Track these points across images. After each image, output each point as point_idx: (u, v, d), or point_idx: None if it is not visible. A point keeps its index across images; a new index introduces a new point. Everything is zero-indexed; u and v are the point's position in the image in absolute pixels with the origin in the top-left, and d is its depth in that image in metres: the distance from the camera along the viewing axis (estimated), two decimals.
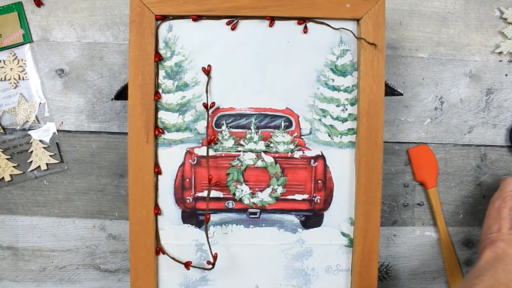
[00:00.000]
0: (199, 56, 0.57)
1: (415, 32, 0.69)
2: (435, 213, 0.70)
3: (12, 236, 0.68)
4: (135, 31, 0.55)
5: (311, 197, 0.59)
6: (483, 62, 0.70)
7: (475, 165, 0.71)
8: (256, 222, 0.59)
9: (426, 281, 0.71)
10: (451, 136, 0.70)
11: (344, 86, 0.58)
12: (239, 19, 0.57)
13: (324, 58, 0.58)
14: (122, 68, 0.67)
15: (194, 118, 0.58)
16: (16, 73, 0.66)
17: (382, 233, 0.70)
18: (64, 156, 0.67)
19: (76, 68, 0.67)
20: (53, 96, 0.67)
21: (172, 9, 0.55)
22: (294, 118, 0.58)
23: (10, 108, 0.66)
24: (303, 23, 0.57)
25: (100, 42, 0.67)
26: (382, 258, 0.70)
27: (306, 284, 0.60)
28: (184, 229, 0.58)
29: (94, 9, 0.67)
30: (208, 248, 0.57)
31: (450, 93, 0.70)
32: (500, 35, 0.70)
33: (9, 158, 0.67)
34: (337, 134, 0.59)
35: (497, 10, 0.70)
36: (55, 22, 0.67)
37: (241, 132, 0.58)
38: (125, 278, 0.69)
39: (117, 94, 0.60)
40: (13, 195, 0.67)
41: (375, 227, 0.58)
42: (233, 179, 0.58)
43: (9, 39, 0.66)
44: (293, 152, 0.58)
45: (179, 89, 0.57)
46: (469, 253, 0.72)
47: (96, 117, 0.67)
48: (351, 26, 0.57)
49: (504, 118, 0.71)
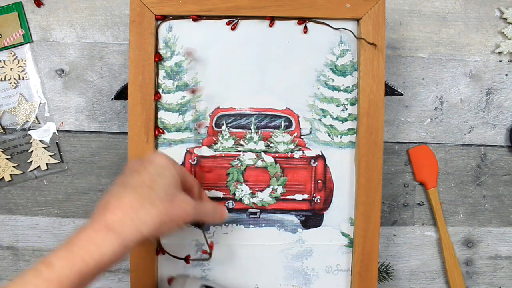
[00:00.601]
0: (199, 56, 0.57)
1: (415, 32, 0.69)
2: (435, 213, 0.70)
3: (12, 236, 0.68)
4: (135, 31, 0.55)
5: (311, 197, 0.59)
6: (483, 62, 0.70)
7: (475, 165, 0.71)
8: (256, 222, 0.59)
9: (426, 281, 0.71)
10: (451, 136, 0.70)
11: (344, 86, 0.58)
12: (239, 19, 0.57)
13: (324, 58, 0.58)
14: (122, 68, 0.67)
15: (194, 118, 0.58)
16: (16, 73, 0.66)
17: (382, 233, 0.70)
18: (64, 156, 0.67)
19: (76, 68, 0.67)
20: (53, 96, 0.67)
21: (172, 9, 0.55)
22: (294, 118, 0.58)
23: (10, 108, 0.66)
24: (303, 23, 0.57)
25: (100, 42, 0.67)
26: (382, 258, 0.70)
27: (306, 284, 0.60)
28: (184, 229, 0.58)
29: (94, 9, 0.67)
30: (205, 241, 0.57)
31: (450, 93, 0.70)
32: (500, 35, 0.70)
33: (9, 158, 0.67)
34: (337, 134, 0.59)
35: (497, 10, 0.70)
36: (55, 22, 0.67)
37: (241, 132, 0.58)
38: (125, 278, 0.69)
39: (117, 94, 0.60)
40: (13, 195, 0.67)
41: (375, 227, 0.58)
42: (233, 179, 0.58)
43: (9, 39, 0.66)
44: (293, 152, 0.58)
45: (179, 89, 0.57)
46: (469, 253, 0.72)
47: (96, 117, 0.67)
48: (351, 26, 0.57)
49: (504, 118, 0.71)
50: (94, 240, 0.39)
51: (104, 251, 0.39)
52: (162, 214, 0.43)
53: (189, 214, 0.46)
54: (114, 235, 0.40)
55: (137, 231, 0.41)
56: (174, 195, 0.45)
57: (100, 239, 0.40)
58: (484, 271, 0.72)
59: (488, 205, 0.72)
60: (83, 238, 0.40)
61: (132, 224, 0.41)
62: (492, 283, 0.72)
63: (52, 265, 0.38)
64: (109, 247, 0.40)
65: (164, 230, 0.44)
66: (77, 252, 0.39)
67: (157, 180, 0.44)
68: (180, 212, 0.45)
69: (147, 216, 0.42)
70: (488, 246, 0.72)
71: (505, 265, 0.72)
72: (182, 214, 0.45)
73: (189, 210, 0.46)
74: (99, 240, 0.40)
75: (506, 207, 0.72)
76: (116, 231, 0.40)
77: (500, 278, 0.72)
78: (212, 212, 0.52)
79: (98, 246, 0.39)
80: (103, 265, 0.39)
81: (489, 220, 0.72)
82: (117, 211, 0.41)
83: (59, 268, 0.38)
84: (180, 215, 0.45)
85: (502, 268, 0.72)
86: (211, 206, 0.52)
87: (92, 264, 0.39)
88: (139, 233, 0.41)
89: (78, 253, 0.39)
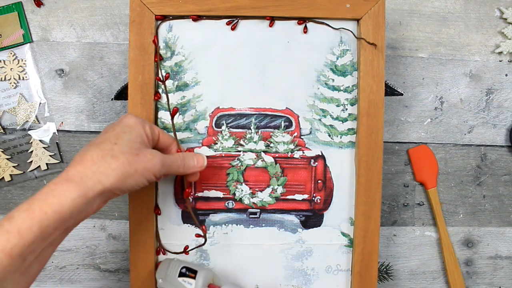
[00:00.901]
0: (199, 56, 0.57)
1: (415, 32, 0.69)
2: (435, 213, 0.70)
3: None
4: (135, 31, 0.55)
5: (311, 197, 0.59)
6: (483, 62, 0.70)
7: (475, 165, 0.71)
8: (256, 222, 0.59)
9: (426, 281, 0.71)
10: (451, 136, 0.70)
11: (344, 86, 0.58)
12: (239, 19, 0.57)
13: (324, 58, 0.58)
14: (122, 68, 0.67)
15: (194, 118, 0.58)
16: (16, 73, 0.66)
17: (382, 233, 0.70)
18: (64, 156, 0.67)
19: (76, 68, 0.67)
20: (53, 96, 0.67)
21: (172, 9, 0.55)
22: (294, 118, 0.58)
23: (10, 108, 0.66)
24: (303, 23, 0.57)
25: (100, 42, 0.67)
26: (382, 258, 0.70)
27: (306, 284, 0.60)
28: (184, 229, 0.58)
29: (94, 9, 0.67)
30: (196, 223, 0.57)
31: (450, 93, 0.70)
32: (500, 35, 0.70)
33: (9, 158, 0.67)
34: (337, 134, 0.59)
35: (497, 10, 0.70)
36: (55, 22, 0.67)
37: (241, 132, 0.58)
38: (125, 278, 0.69)
39: (117, 94, 0.60)
40: (13, 195, 0.67)
41: (375, 227, 0.58)
42: (233, 179, 0.58)
43: (9, 39, 0.66)
44: (293, 152, 0.58)
45: (179, 89, 0.57)
46: (469, 253, 0.72)
47: (96, 117, 0.67)
48: (351, 26, 0.57)
49: (504, 118, 0.71)
50: (54, 192, 0.40)
51: (63, 201, 0.40)
52: (124, 165, 0.44)
53: (155, 165, 0.46)
54: (73, 186, 0.41)
55: (97, 182, 0.42)
56: (139, 149, 0.46)
57: (59, 191, 0.41)
58: (484, 271, 0.72)
59: (488, 205, 0.72)
60: (44, 191, 0.41)
61: (93, 176, 0.42)
62: (492, 283, 0.72)
63: (13, 218, 0.39)
64: (68, 197, 0.40)
65: (130, 182, 0.45)
66: (37, 204, 0.40)
67: (122, 136, 0.46)
68: (146, 164, 0.46)
69: (108, 167, 0.43)
70: (488, 246, 0.72)
71: (505, 265, 0.72)
72: (148, 166, 0.46)
73: (156, 161, 0.47)
74: (58, 192, 0.41)
75: (506, 207, 0.72)
76: (75, 182, 0.41)
77: (500, 278, 0.72)
78: (186, 161, 0.52)
79: (57, 197, 0.40)
80: (64, 215, 0.40)
81: (489, 220, 0.72)
82: (78, 165, 0.43)
83: (19, 220, 0.38)
84: (146, 166, 0.46)
85: (502, 268, 0.72)
86: (182, 156, 0.52)
87: (52, 215, 0.39)
88: (100, 184, 0.42)
89: (37, 205, 0.40)
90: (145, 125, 0.49)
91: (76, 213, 0.41)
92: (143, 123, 0.48)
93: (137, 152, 0.45)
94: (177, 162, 0.51)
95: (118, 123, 0.48)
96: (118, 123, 0.48)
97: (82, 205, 0.41)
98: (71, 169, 0.43)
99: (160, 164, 0.47)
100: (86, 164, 0.43)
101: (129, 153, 0.45)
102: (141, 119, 0.49)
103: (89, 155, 0.43)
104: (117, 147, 0.44)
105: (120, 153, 0.44)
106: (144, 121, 0.49)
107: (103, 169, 0.43)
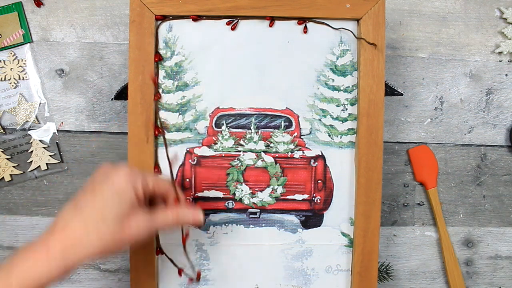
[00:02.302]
0: (199, 56, 0.57)
1: (415, 32, 0.69)
2: (435, 213, 0.70)
3: (12, 236, 0.68)
4: (135, 31, 0.55)
5: (311, 197, 0.59)
6: (483, 62, 0.70)
7: (475, 165, 0.71)
8: (256, 222, 0.59)
9: (426, 281, 0.71)
10: (451, 136, 0.70)
11: (344, 86, 0.58)
12: (239, 19, 0.57)
13: (324, 58, 0.58)
14: (122, 68, 0.67)
15: (194, 118, 0.58)
16: (16, 73, 0.66)
17: (382, 233, 0.70)
18: (64, 156, 0.67)
19: (76, 68, 0.67)
20: (53, 96, 0.67)
21: (172, 9, 0.55)
22: (294, 118, 0.58)
23: (10, 108, 0.66)
24: (303, 23, 0.57)
25: (100, 42, 0.67)
26: (382, 258, 0.70)
27: (306, 284, 0.60)
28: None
29: (94, 9, 0.67)
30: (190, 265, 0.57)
31: (450, 93, 0.70)
32: (500, 35, 0.70)
33: (9, 158, 0.67)
34: (337, 134, 0.59)
35: (497, 10, 0.70)
36: (55, 22, 0.67)
37: (241, 132, 0.58)
38: (125, 278, 0.69)
39: (117, 94, 0.60)
40: (13, 195, 0.67)
41: (375, 227, 0.58)
42: (233, 179, 0.58)
43: (9, 39, 0.66)
44: (293, 152, 0.58)
45: (179, 89, 0.57)
46: (469, 253, 0.72)
47: (96, 117, 0.67)
48: (351, 26, 0.57)
49: (504, 118, 0.71)
50: (34, 263, 0.41)
51: (44, 274, 0.41)
52: (107, 239, 0.43)
53: (141, 233, 0.46)
54: (53, 260, 0.41)
55: (79, 253, 0.42)
56: (127, 215, 0.45)
57: (39, 263, 0.41)
58: (484, 271, 0.72)
59: (488, 205, 0.72)
60: (24, 259, 0.41)
61: (74, 249, 0.42)
62: (492, 283, 0.72)
63: None
64: (48, 270, 0.41)
65: (113, 251, 0.44)
66: (15, 275, 0.40)
67: (109, 205, 0.44)
68: (131, 232, 0.45)
69: (89, 243, 0.43)
70: (488, 246, 0.72)
71: (505, 265, 0.72)
72: (133, 234, 0.45)
73: (141, 230, 0.46)
74: (38, 264, 0.41)
75: (506, 207, 0.72)
76: (55, 255, 0.42)
77: (500, 278, 0.72)
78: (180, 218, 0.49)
79: (36, 269, 0.41)
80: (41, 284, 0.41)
81: (489, 220, 0.72)
82: (59, 234, 0.43)
83: None
84: (131, 234, 0.45)
85: (502, 268, 0.72)
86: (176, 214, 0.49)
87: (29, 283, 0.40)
88: (82, 255, 0.43)
89: (16, 275, 0.40)
90: (137, 184, 0.45)
91: (54, 281, 0.42)
92: (134, 182, 0.45)
93: (122, 221, 0.44)
94: (167, 221, 0.48)
95: (107, 183, 0.45)
96: (107, 182, 0.45)
97: (62, 275, 0.42)
98: (53, 240, 0.42)
99: (146, 231, 0.46)
100: (68, 234, 0.42)
101: (113, 225, 0.44)
102: (133, 176, 0.45)
103: (73, 226, 0.43)
104: (102, 219, 0.43)
105: (104, 226, 0.43)
106: (136, 177, 0.46)
107: (85, 242, 0.42)
